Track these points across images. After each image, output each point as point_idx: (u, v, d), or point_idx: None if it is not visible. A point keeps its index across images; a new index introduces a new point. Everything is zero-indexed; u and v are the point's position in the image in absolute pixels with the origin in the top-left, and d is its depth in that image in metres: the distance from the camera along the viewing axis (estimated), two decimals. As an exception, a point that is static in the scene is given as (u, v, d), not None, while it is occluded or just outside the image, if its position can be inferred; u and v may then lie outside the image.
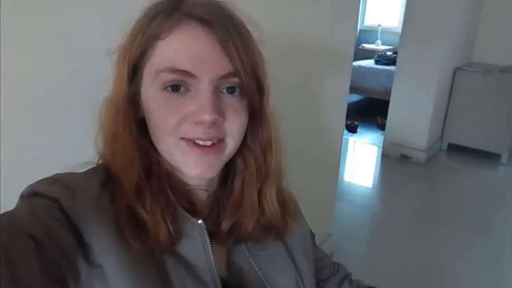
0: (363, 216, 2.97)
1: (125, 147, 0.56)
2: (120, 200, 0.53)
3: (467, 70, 3.88)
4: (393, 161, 3.90)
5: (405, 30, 3.69)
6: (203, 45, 0.52)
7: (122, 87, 0.56)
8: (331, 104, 2.04)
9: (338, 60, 2.00)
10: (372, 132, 4.72)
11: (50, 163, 0.61)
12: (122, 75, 0.56)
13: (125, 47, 0.56)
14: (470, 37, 4.14)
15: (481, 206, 3.08)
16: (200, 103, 0.52)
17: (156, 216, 0.54)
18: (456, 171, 3.84)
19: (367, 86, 5.16)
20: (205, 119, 0.52)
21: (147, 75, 0.55)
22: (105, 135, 0.58)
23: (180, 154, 0.55)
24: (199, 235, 0.57)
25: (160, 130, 0.55)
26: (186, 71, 0.52)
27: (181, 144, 0.55)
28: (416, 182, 3.62)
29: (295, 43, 1.59)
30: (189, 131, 0.54)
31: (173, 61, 0.52)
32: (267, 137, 0.62)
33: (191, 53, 0.52)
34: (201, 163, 0.55)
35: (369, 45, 6.23)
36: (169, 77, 0.52)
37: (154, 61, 0.54)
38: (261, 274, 0.63)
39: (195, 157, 0.55)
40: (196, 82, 0.53)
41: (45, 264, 0.43)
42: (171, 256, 0.55)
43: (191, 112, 0.53)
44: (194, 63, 0.52)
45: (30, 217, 0.46)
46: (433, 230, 2.74)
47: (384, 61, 5.26)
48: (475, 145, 3.94)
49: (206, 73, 0.52)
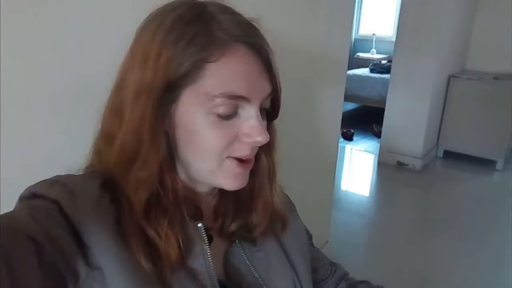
0: (360, 223, 2.97)
1: (146, 165, 0.54)
2: (128, 219, 0.52)
3: (461, 77, 3.92)
4: (389, 168, 3.91)
5: (398, 38, 3.73)
6: (255, 70, 0.54)
7: (150, 103, 0.52)
8: (326, 112, 2.06)
9: (333, 67, 2.02)
10: (368, 139, 4.74)
11: (50, 165, 0.61)
12: (150, 91, 0.52)
13: (153, 61, 0.52)
14: (464, 45, 4.18)
15: (477, 212, 3.09)
16: (254, 127, 0.55)
17: (170, 239, 0.53)
18: (452, 178, 3.86)
19: (363, 94, 5.20)
20: (260, 141, 0.55)
21: (192, 97, 0.53)
22: (118, 150, 0.55)
23: (223, 172, 0.57)
24: (198, 238, 0.57)
25: (205, 152, 0.55)
26: (244, 96, 0.54)
27: (226, 162, 0.56)
28: (412, 188, 3.63)
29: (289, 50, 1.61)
30: (237, 151, 0.56)
31: (231, 87, 0.53)
32: (273, 137, 0.64)
33: (246, 79, 0.54)
34: (241, 178, 0.58)
35: (364, 54, 6.28)
36: (224, 102, 0.53)
37: (205, 84, 0.52)
38: (258, 276, 0.63)
39: (239, 174, 0.58)
40: (246, 104, 0.55)
41: (43, 265, 0.43)
42: None
43: (243, 134, 0.55)
44: (249, 88, 0.54)
45: (29, 218, 0.46)
46: (430, 237, 2.74)
47: (379, 69, 5.30)
48: (470, 152, 3.96)
49: (257, 96, 0.55)
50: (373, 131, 4.79)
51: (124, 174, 0.54)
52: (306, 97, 1.85)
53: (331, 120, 2.14)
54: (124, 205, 0.53)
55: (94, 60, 0.89)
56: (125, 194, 0.53)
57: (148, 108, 0.52)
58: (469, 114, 3.88)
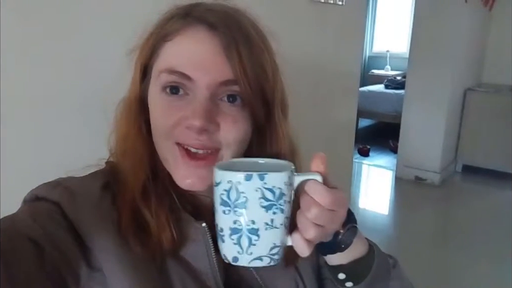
0: (378, 238, 2.86)
1: (135, 147, 0.56)
2: (124, 201, 0.53)
3: (478, 90, 3.89)
4: (407, 183, 3.86)
5: (412, 54, 3.74)
6: (206, 49, 0.51)
7: (134, 88, 0.57)
8: (339, 127, 2.07)
9: (345, 83, 2.03)
10: (385, 155, 4.70)
11: (53, 167, 0.62)
12: (135, 76, 0.57)
13: (140, 48, 0.56)
14: (479, 57, 4.16)
15: (498, 227, 3.00)
16: (193, 108, 0.51)
17: (160, 219, 0.53)
18: (472, 193, 3.78)
19: (378, 110, 5.18)
20: (194, 124, 0.50)
21: (152, 76, 0.55)
22: (117, 135, 0.58)
23: (172, 161, 0.54)
24: (202, 239, 0.55)
25: (157, 132, 0.55)
26: (184, 73, 0.51)
27: (175, 149, 0.53)
28: (431, 203, 3.57)
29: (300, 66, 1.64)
30: (181, 136, 0.53)
31: (173, 63, 0.52)
32: (276, 152, 0.59)
33: (191, 56, 0.52)
34: (191, 175, 0.53)
35: (378, 71, 6.27)
36: (167, 78, 0.52)
37: (159, 61, 0.54)
38: (259, 278, 0.61)
39: (186, 167, 0.53)
40: (194, 86, 0.52)
41: (44, 267, 0.43)
42: (173, 259, 0.54)
43: (185, 116, 0.52)
44: (193, 66, 0.51)
45: (30, 220, 0.46)
46: (450, 253, 2.68)
47: (394, 85, 5.28)
48: (490, 166, 3.89)
49: (204, 78, 0.51)
50: (390, 147, 4.75)
51: (123, 160, 0.56)
52: (318, 113, 1.87)
53: (345, 135, 2.14)
54: (120, 189, 0.54)
55: (105, 60, 0.90)
56: (123, 179, 0.55)
57: (133, 93, 0.56)
58: (487, 127, 3.83)
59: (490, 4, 3.84)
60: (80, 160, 0.59)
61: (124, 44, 0.58)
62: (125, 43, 0.58)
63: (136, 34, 0.57)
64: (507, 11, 3.94)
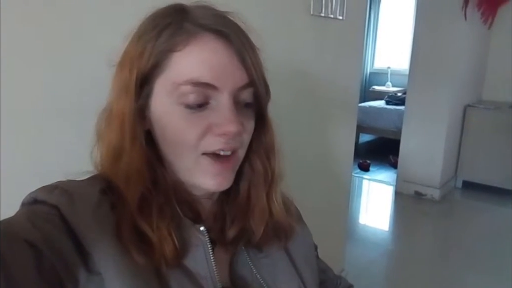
0: (377, 253, 2.91)
1: (132, 162, 0.54)
2: (123, 214, 0.52)
3: (478, 107, 3.90)
4: (407, 198, 3.86)
5: (412, 70, 3.77)
6: (222, 57, 0.53)
7: (128, 100, 0.55)
8: (339, 142, 2.08)
9: (344, 98, 2.05)
10: (385, 170, 4.70)
11: (52, 171, 0.62)
12: (128, 87, 0.55)
13: (131, 59, 0.55)
14: (479, 74, 4.18)
15: (497, 244, 2.99)
16: (225, 116, 0.53)
17: (162, 232, 0.53)
18: (471, 209, 3.77)
19: (379, 126, 5.19)
20: (231, 130, 0.52)
21: (161, 88, 0.54)
22: (106, 149, 0.57)
23: (200, 171, 0.56)
24: (201, 242, 0.56)
25: (179, 146, 0.55)
26: (209, 83, 0.52)
27: (202, 159, 0.55)
28: (431, 219, 3.56)
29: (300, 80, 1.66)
30: (211, 144, 0.54)
31: (194, 74, 0.52)
32: (270, 141, 0.63)
33: (212, 66, 0.52)
34: (219, 177, 0.56)
35: (379, 87, 6.29)
36: (190, 90, 0.52)
37: (170, 73, 0.53)
38: (264, 283, 0.62)
39: (216, 172, 0.55)
40: (217, 94, 0.54)
41: (42, 270, 0.43)
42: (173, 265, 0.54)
43: (214, 124, 0.53)
44: (216, 75, 0.52)
45: (28, 223, 0.45)
46: (449, 268, 2.67)
47: (395, 101, 5.30)
48: (490, 182, 3.89)
49: (227, 85, 0.53)
50: (390, 162, 4.76)
51: (115, 173, 0.55)
52: (317, 127, 1.88)
53: (344, 149, 2.15)
54: (119, 200, 0.53)
55: (99, 66, 0.90)
56: (120, 191, 0.54)
57: (127, 104, 0.55)
58: (487, 144, 3.84)
59: (489, 22, 3.88)
60: (79, 164, 0.59)
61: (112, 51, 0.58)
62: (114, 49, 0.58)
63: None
64: (506, 29, 3.97)
